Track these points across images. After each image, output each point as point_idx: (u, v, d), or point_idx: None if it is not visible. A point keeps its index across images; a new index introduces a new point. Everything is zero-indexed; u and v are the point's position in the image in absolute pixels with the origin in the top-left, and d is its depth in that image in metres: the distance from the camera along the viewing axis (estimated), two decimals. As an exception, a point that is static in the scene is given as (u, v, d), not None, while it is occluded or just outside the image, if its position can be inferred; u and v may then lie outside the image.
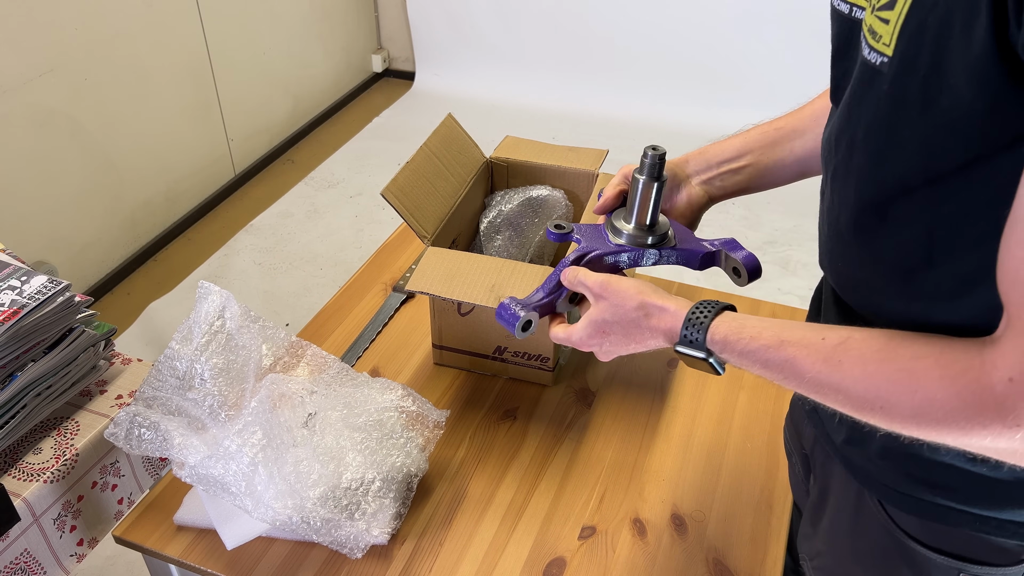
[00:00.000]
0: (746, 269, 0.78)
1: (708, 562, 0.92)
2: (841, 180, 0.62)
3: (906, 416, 0.52)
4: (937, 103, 0.50)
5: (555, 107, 3.72)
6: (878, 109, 0.55)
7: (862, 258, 0.62)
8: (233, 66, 3.05)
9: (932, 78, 0.50)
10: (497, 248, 1.24)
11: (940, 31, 0.48)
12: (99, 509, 1.04)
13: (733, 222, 2.90)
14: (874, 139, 0.56)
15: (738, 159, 0.87)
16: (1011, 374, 0.47)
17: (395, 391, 1.01)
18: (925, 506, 0.64)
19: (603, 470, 1.03)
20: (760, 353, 0.61)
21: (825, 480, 0.78)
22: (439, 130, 1.20)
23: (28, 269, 1.02)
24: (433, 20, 3.88)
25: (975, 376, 0.49)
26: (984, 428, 0.49)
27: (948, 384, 0.50)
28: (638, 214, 0.82)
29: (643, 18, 3.49)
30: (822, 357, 0.57)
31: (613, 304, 0.73)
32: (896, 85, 0.52)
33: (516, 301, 0.80)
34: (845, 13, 0.61)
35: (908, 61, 0.51)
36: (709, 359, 0.66)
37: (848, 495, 0.73)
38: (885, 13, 0.53)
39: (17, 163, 2.24)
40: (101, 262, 2.62)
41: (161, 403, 0.96)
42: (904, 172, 0.54)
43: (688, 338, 0.66)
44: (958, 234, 0.53)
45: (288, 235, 2.92)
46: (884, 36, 0.53)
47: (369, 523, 0.90)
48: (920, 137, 0.52)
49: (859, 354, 0.55)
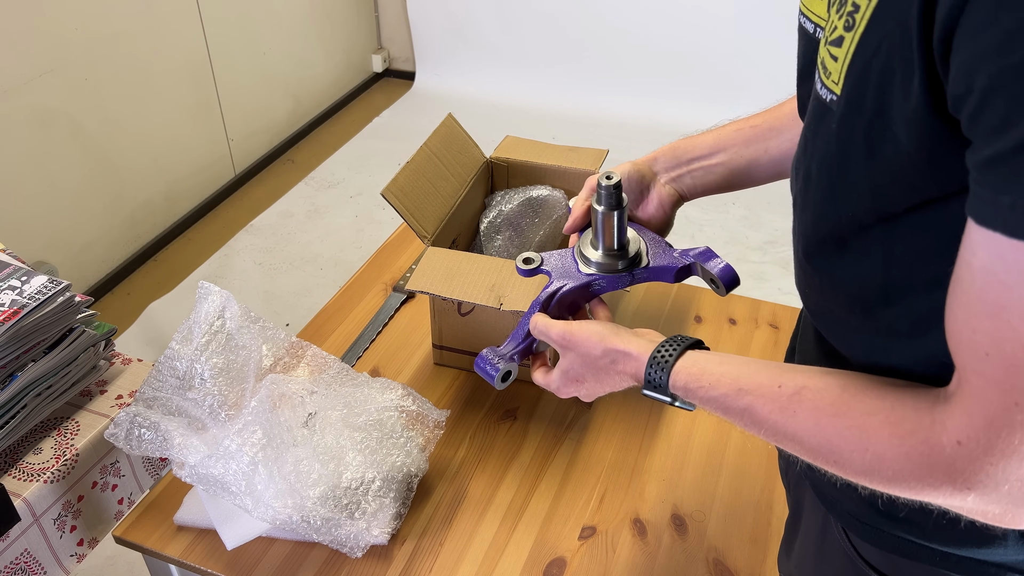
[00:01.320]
0: (722, 282, 0.76)
1: (708, 562, 0.92)
2: (800, 209, 0.61)
3: (858, 471, 0.52)
4: (880, 150, 0.49)
5: (555, 107, 3.72)
6: (828, 146, 0.54)
7: (823, 288, 0.61)
8: (233, 66, 3.05)
9: (876, 123, 0.48)
10: (497, 248, 1.24)
11: (882, 77, 0.47)
12: (99, 509, 1.04)
13: (733, 222, 2.90)
14: (826, 175, 0.55)
15: (711, 156, 0.84)
16: (959, 437, 0.46)
17: (395, 391, 1.01)
18: (886, 538, 0.63)
19: (603, 470, 1.03)
20: (719, 401, 0.61)
21: (798, 502, 0.77)
22: (439, 130, 1.20)
23: (28, 269, 1.02)
24: (433, 20, 3.88)
25: (924, 436, 0.48)
26: (935, 488, 0.48)
27: (897, 443, 0.50)
28: (604, 242, 0.81)
29: (643, 18, 3.49)
30: (778, 407, 0.57)
31: (579, 354, 0.73)
32: (843, 126, 0.51)
33: (494, 351, 0.80)
34: (810, 32, 0.59)
35: (853, 104, 0.50)
36: (675, 402, 0.66)
37: (816, 520, 0.72)
38: (835, 49, 0.51)
39: (17, 163, 2.24)
40: (101, 262, 2.62)
41: (161, 403, 0.96)
42: (856, 210, 0.54)
43: (653, 382, 0.66)
44: (912, 274, 0.52)
45: (288, 235, 2.92)
46: (833, 73, 0.51)
47: (369, 522, 0.90)
48: (867, 180, 0.51)
49: (813, 406, 0.55)
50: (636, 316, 1.28)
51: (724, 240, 2.80)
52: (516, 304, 0.96)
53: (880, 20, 0.47)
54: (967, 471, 0.46)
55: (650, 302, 1.31)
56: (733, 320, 1.28)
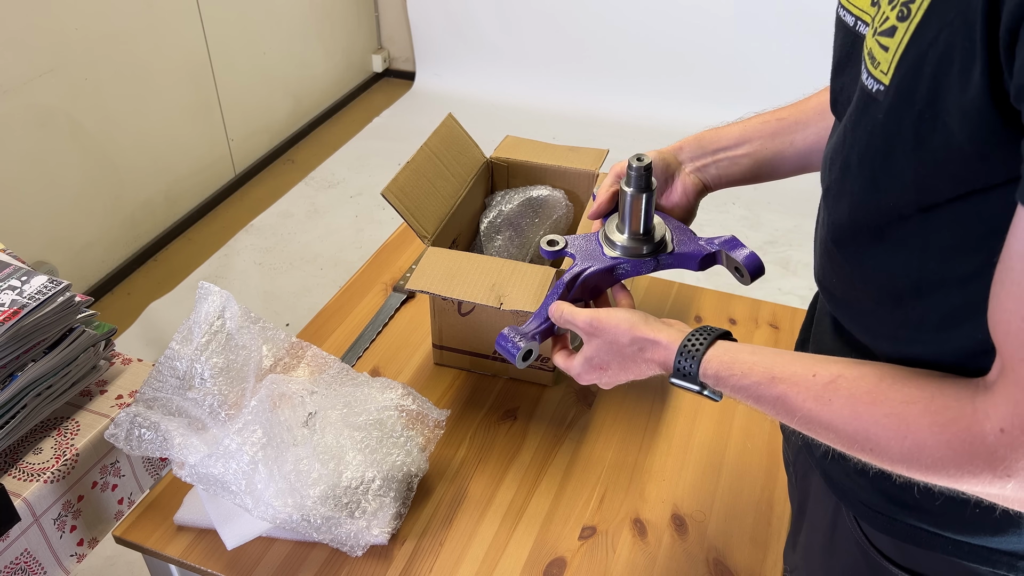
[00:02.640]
0: (748, 270, 0.77)
1: (708, 562, 0.92)
2: (834, 199, 0.61)
3: (895, 459, 0.53)
4: (929, 141, 0.49)
5: (555, 107, 3.72)
6: (872, 137, 0.54)
7: (852, 278, 0.61)
8: (233, 66, 3.05)
9: (927, 114, 0.48)
10: (497, 248, 1.24)
11: (939, 68, 0.46)
12: (99, 509, 1.04)
13: (733, 222, 2.90)
14: (868, 166, 0.55)
15: (736, 147, 0.84)
16: (1002, 425, 0.46)
17: (395, 390, 1.01)
18: (899, 526, 0.63)
19: (603, 470, 1.03)
20: (751, 389, 0.61)
21: (804, 492, 0.77)
22: (439, 130, 1.20)
23: (28, 269, 1.02)
24: (433, 20, 3.88)
25: (966, 425, 0.49)
26: (974, 476, 0.49)
27: (938, 431, 0.50)
28: (630, 225, 0.81)
29: (643, 18, 3.49)
30: (812, 395, 0.57)
31: (607, 341, 0.73)
32: (891, 117, 0.51)
33: (515, 330, 0.79)
34: (850, 25, 0.59)
35: (904, 94, 0.49)
36: (704, 391, 0.66)
37: (825, 510, 0.72)
38: (885, 40, 0.51)
39: (17, 163, 2.24)
40: (101, 262, 2.62)
41: (161, 404, 0.96)
42: (896, 202, 0.53)
43: (682, 371, 0.67)
44: (948, 267, 0.52)
45: (288, 235, 2.92)
46: (883, 64, 0.51)
47: (369, 522, 0.90)
48: (912, 171, 0.51)
49: (849, 394, 0.55)
50: (636, 316, 1.28)
51: (724, 240, 2.79)
52: (516, 304, 0.96)
53: (939, 10, 0.46)
54: (1009, 459, 0.46)
55: (650, 302, 1.31)
56: (733, 320, 1.28)
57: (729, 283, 2.64)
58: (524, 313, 0.94)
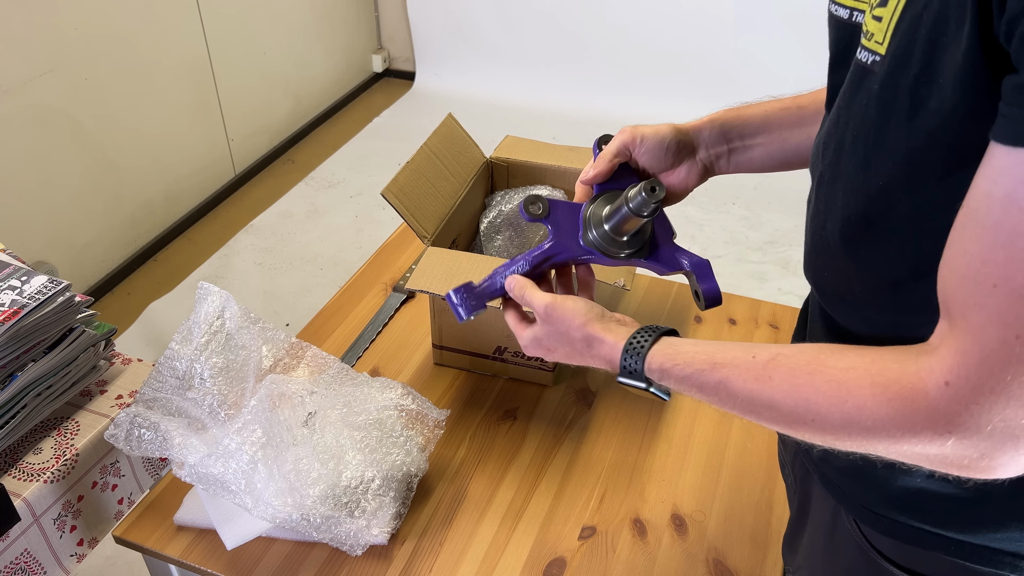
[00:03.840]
0: (704, 297, 0.76)
1: (708, 562, 0.92)
2: (828, 186, 0.60)
3: (836, 427, 0.52)
4: (925, 107, 0.48)
5: (555, 107, 3.72)
6: (867, 111, 0.53)
7: (848, 268, 0.60)
8: (233, 66, 3.05)
9: (922, 78, 0.48)
10: (497, 248, 1.24)
11: (934, 28, 0.46)
12: (99, 509, 1.04)
13: (733, 222, 2.90)
14: (861, 143, 0.55)
15: (756, 136, 0.81)
16: (947, 378, 0.46)
17: (395, 390, 1.01)
18: (900, 528, 0.63)
19: (603, 470, 1.03)
20: (695, 378, 0.61)
21: (805, 495, 0.77)
22: (439, 130, 1.20)
23: (28, 269, 1.02)
24: (433, 20, 3.88)
25: (908, 383, 0.48)
26: (915, 435, 0.48)
27: (879, 392, 0.50)
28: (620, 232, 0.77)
29: (643, 18, 3.49)
30: (753, 375, 0.57)
31: (558, 331, 0.72)
32: (886, 86, 0.51)
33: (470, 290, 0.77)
34: (844, 18, 0.59)
35: (900, 59, 0.49)
36: (650, 388, 0.66)
37: (825, 512, 0.72)
38: (879, 11, 0.51)
39: (17, 163, 2.24)
40: (101, 262, 2.62)
41: (161, 404, 0.96)
42: (889, 180, 0.53)
43: (627, 368, 0.66)
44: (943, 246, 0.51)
45: (288, 235, 2.92)
46: (877, 34, 0.51)
47: (369, 521, 0.90)
48: (905, 144, 0.51)
49: (789, 368, 0.55)
50: (636, 315, 1.28)
51: (724, 240, 2.79)
52: (516, 304, 0.96)
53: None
54: (950, 412, 0.46)
55: (650, 302, 1.31)
56: (733, 320, 1.28)
57: (729, 283, 2.64)
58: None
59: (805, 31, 3.25)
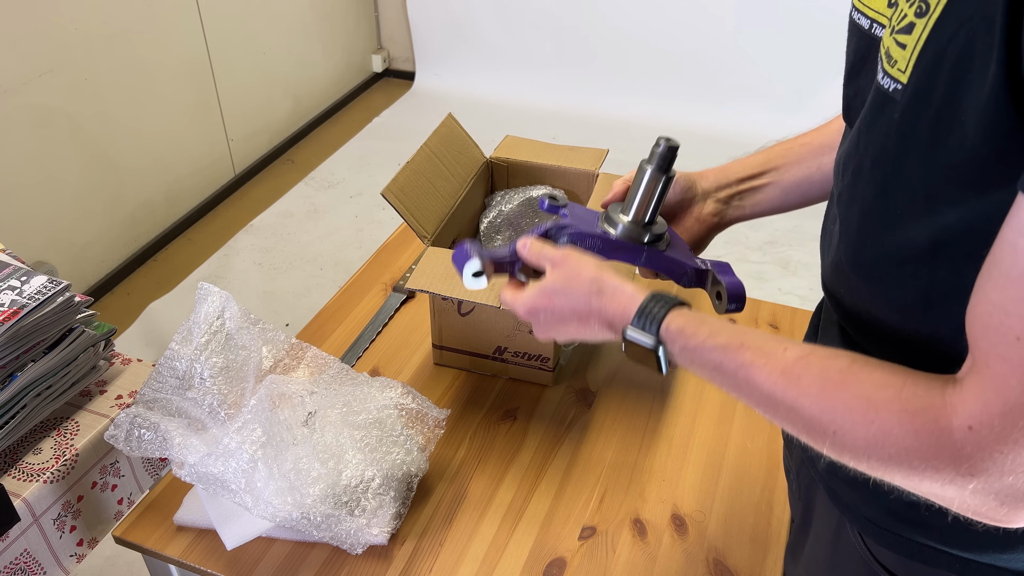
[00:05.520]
0: (728, 294, 0.74)
1: (708, 562, 0.92)
2: (845, 206, 0.59)
3: (858, 446, 0.50)
4: (945, 143, 0.47)
5: (555, 107, 3.72)
6: (887, 139, 0.52)
7: (860, 288, 0.60)
8: (233, 66, 3.05)
9: (944, 112, 0.47)
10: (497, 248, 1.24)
11: (958, 64, 0.45)
12: (99, 509, 1.04)
13: (733, 222, 2.90)
14: (880, 170, 0.53)
15: (761, 176, 0.81)
16: (970, 422, 0.45)
17: (395, 389, 1.01)
18: (905, 543, 0.62)
19: (603, 470, 1.03)
20: (716, 352, 0.58)
21: (808, 504, 0.75)
22: (439, 130, 1.20)
23: (28, 269, 1.02)
24: (433, 20, 3.88)
25: (934, 416, 0.47)
26: (936, 472, 0.47)
27: (907, 420, 0.48)
28: (637, 207, 0.76)
29: (643, 18, 3.49)
30: (780, 368, 0.54)
31: (567, 274, 0.68)
32: (907, 116, 0.50)
33: (476, 247, 0.75)
34: (865, 28, 0.58)
35: (922, 92, 0.48)
36: (657, 349, 0.62)
37: (829, 524, 0.71)
38: (903, 37, 0.49)
39: (17, 163, 2.24)
40: (101, 262, 2.62)
41: (161, 405, 0.96)
42: (907, 209, 0.52)
43: (648, 313, 0.62)
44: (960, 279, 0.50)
45: (288, 235, 2.92)
46: (900, 62, 0.49)
47: (369, 520, 0.90)
48: (922, 176, 0.49)
49: (820, 372, 0.53)
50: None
51: (724, 240, 2.80)
52: (516, 304, 0.96)
53: (959, 5, 0.45)
54: (974, 457, 0.45)
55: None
56: (733, 320, 1.27)
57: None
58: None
59: (805, 33, 3.25)
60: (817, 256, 0.70)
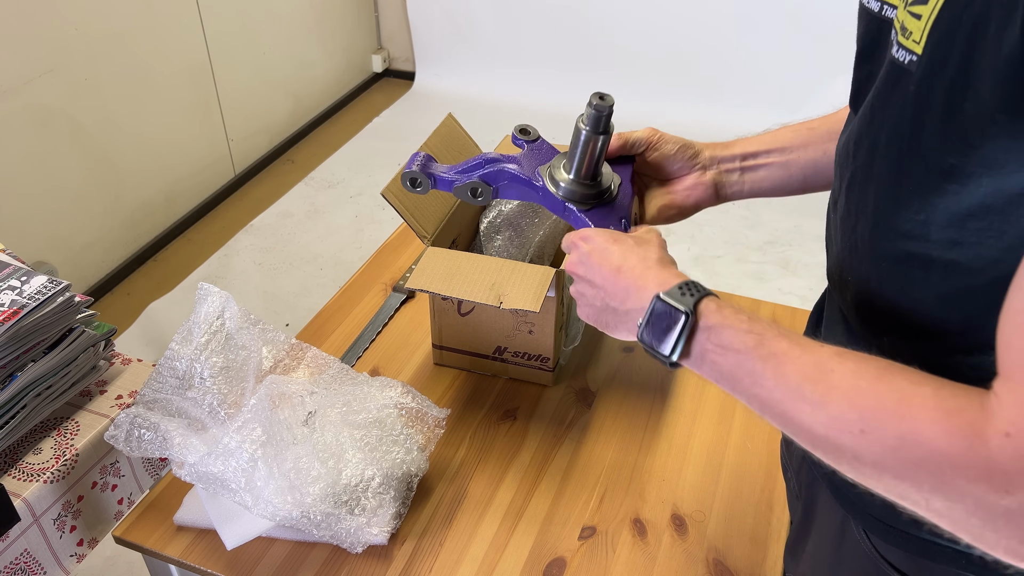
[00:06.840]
0: None
1: (708, 562, 0.92)
2: (859, 188, 0.58)
3: (885, 445, 0.47)
4: (961, 111, 0.46)
5: (555, 107, 3.72)
6: (903, 112, 0.51)
7: (874, 272, 0.58)
8: (233, 66, 3.05)
9: (959, 81, 0.46)
10: (497, 248, 1.24)
11: (974, 30, 0.45)
12: (99, 509, 1.04)
13: (733, 222, 2.90)
14: (896, 147, 0.52)
15: (767, 155, 0.80)
16: (1009, 428, 0.42)
17: (395, 388, 1.01)
18: (910, 539, 0.61)
19: (603, 470, 1.03)
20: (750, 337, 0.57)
21: (810, 501, 0.75)
22: (439, 130, 1.20)
23: (28, 269, 1.02)
24: (433, 20, 3.88)
25: (970, 419, 0.44)
26: (966, 482, 0.43)
27: (941, 418, 0.45)
28: (577, 166, 0.78)
29: (643, 17, 3.50)
30: (814, 360, 0.52)
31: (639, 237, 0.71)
32: (922, 87, 0.49)
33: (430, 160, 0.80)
34: (875, 11, 0.58)
35: (937, 61, 0.47)
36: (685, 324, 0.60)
37: (832, 521, 0.70)
38: (917, 8, 0.49)
39: (17, 163, 2.24)
40: (101, 262, 2.62)
41: (162, 405, 0.96)
42: (923, 184, 0.51)
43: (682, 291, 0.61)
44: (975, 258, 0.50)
45: (288, 235, 2.92)
46: (915, 33, 0.49)
47: (369, 519, 0.90)
48: (939, 150, 0.49)
49: (855, 366, 0.51)
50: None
51: (724, 240, 2.80)
52: (516, 303, 0.96)
53: None
54: (1011, 471, 0.42)
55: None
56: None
57: (730, 283, 2.64)
58: (524, 312, 0.94)
59: (807, 31, 3.25)
60: (817, 256, 0.70)
